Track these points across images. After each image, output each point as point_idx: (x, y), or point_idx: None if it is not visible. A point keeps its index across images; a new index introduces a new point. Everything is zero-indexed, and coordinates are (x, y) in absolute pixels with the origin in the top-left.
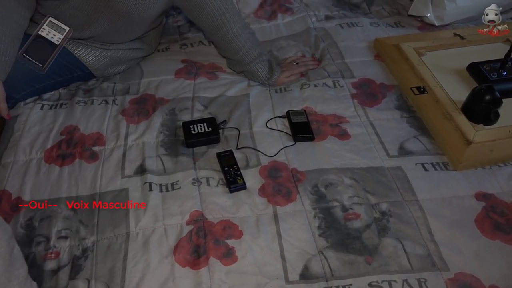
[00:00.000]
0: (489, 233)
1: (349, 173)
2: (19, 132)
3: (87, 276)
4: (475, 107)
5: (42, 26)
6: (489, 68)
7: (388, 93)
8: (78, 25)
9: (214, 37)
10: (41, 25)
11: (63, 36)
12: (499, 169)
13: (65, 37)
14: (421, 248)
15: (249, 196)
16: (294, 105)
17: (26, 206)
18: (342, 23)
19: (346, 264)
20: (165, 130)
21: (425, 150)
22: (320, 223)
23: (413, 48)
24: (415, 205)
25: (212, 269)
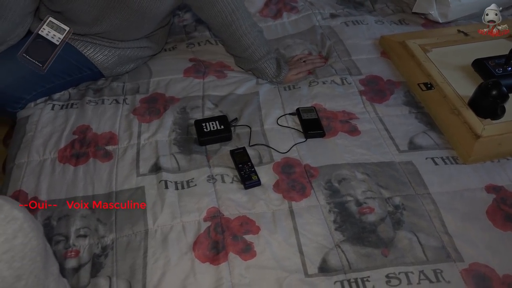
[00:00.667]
0: (501, 224)
1: (361, 168)
2: (31, 133)
3: (108, 273)
4: (482, 102)
5: (42, 26)
6: (494, 64)
7: (395, 89)
8: (89, 21)
9: (223, 35)
10: (41, 25)
11: (63, 36)
12: (507, 162)
13: (65, 37)
14: (435, 240)
15: (264, 192)
16: (304, 102)
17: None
18: (347, 21)
19: (363, 257)
20: (177, 128)
21: (435, 144)
22: (336, 218)
23: (418, 45)
24: (427, 198)
25: (232, 264)
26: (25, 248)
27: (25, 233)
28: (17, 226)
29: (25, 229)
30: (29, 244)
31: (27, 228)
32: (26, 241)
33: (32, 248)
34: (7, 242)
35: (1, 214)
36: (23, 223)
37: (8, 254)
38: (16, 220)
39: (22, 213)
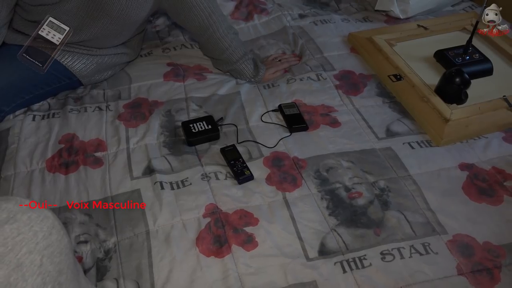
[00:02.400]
0: (476, 197)
1: (345, 157)
2: (15, 145)
3: (114, 276)
4: (447, 89)
5: (42, 26)
6: (454, 54)
7: (368, 82)
8: None
9: (200, 38)
10: (41, 25)
11: (63, 36)
12: (475, 142)
13: (65, 37)
14: (421, 217)
15: (257, 185)
16: (284, 99)
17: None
18: (315, 20)
19: (357, 237)
20: (164, 131)
21: (409, 130)
22: (328, 204)
23: (384, 40)
24: (409, 179)
25: (236, 255)
26: (60, 244)
27: (57, 230)
28: (50, 223)
29: (57, 226)
30: (63, 240)
31: (58, 225)
32: (60, 238)
33: (65, 245)
34: (45, 238)
35: (34, 213)
36: (54, 220)
37: (49, 249)
38: (48, 218)
39: (51, 212)
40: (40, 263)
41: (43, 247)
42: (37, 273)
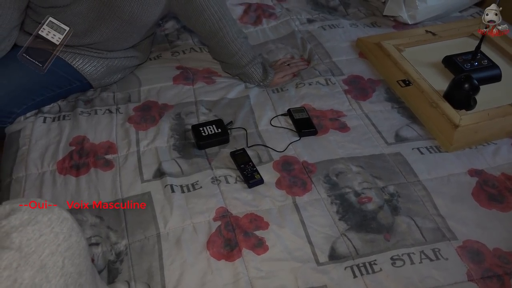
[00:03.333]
0: (486, 203)
1: (355, 162)
2: (26, 147)
3: (126, 278)
4: (456, 95)
5: (42, 26)
6: (462, 60)
7: (376, 87)
8: (80, 32)
9: (210, 42)
10: (41, 25)
11: (63, 36)
12: (484, 148)
13: (65, 37)
14: (430, 222)
15: (267, 189)
16: (293, 103)
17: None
18: (324, 25)
19: (367, 242)
20: (174, 134)
21: (418, 136)
22: (338, 208)
23: (393, 45)
24: (418, 185)
25: (247, 259)
26: (79, 245)
27: (76, 232)
28: (69, 225)
29: (76, 228)
30: (81, 242)
31: (77, 227)
32: (79, 239)
33: (84, 246)
34: (65, 240)
35: (54, 214)
36: (73, 222)
37: (70, 251)
38: (67, 220)
39: (69, 214)
40: (62, 265)
41: (64, 248)
42: (60, 274)
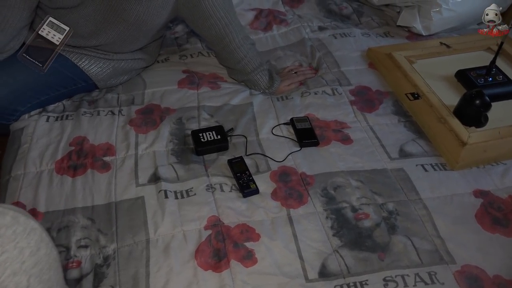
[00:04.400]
0: (489, 227)
1: (355, 176)
2: (27, 144)
3: (111, 283)
4: (467, 111)
5: (42, 26)
6: (476, 75)
7: (384, 99)
8: (86, 34)
9: (217, 47)
10: (41, 25)
11: (63, 36)
12: (492, 168)
13: (65, 37)
14: (429, 244)
15: (262, 200)
16: (297, 112)
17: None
18: (335, 33)
19: (360, 261)
20: (174, 139)
21: (424, 152)
22: (333, 224)
23: (404, 57)
24: (419, 203)
25: (234, 271)
26: (49, 258)
27: (46, 243)
28: (37, 236)
29: (45, 238)
30: (51, 254)
31: (46, 237)
32: (49, 251)
33: (55, 258)
34: (33, 255)
35: (19, 226)
36: (42, 232)
37: (37, 267)
38: (36, 231)
39: (38, 223)
40: (27, 284)
41: (30, 266)
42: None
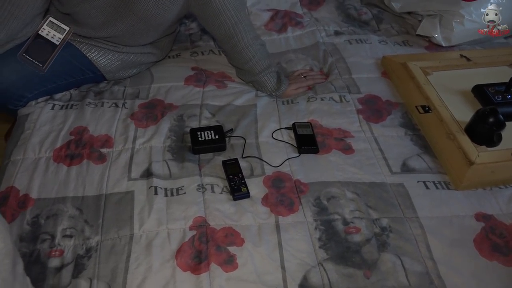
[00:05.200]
0: (488, 253)
1: (351, 187)
2: (29, 131)
3: (89, 275)
4: (479, 129)
5: (42, 26)
6: (494, 91)
7: (393, 110)
8: (96, 25)
9: (225, 46)
10: (41, 25)
11: (63, 36)
12: (499, 191)
13: (65, 37)
14: (420, 265)
15: (252, 204)
16: (300, 117)
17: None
18: (350, 39)
19: (344, 277)
20: (172, 135)
21: (428, 168)
22: (321, 235)
23: (419, 67)
24: (415, 222)
25: (213, 274)
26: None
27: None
28: None
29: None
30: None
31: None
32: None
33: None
34: None
35: None
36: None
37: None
38: None
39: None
40: None
41: None
42: None
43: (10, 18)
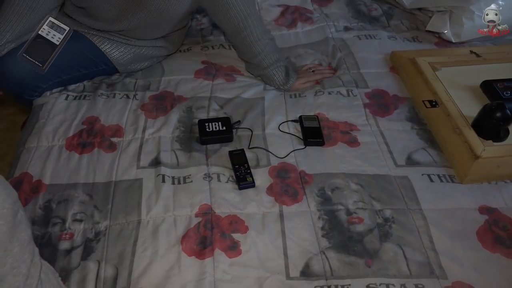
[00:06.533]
0: (490, 246)
1: (355, 179)
2: (43, 120)
3: (98, 258)
4: (485, 124)
5: (42, 26)
6: (503, 87)
7: (400, 104)
8: (109, 18)
9: (234, 40)
10: (41, 25)
11: (63, 36)
12: (505, 185)
13: (65, 37)
14: (421, 256)
15: (257, 194)
16: (307, 110)
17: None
18: (360, 34)
19: (346, 265)
20: (181, 126)
21: (433, 161)
22: (324, 225)
23: (428, 63)
24: (418, 214)
25: (217, 260)
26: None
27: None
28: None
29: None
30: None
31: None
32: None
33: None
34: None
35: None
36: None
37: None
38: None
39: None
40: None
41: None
42: None
43: (28, 11)
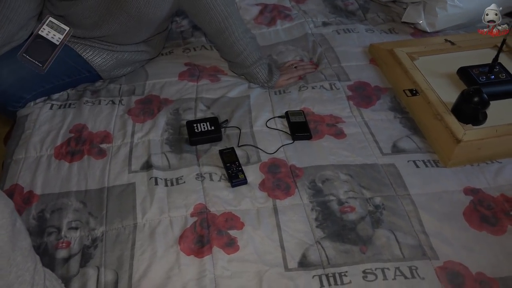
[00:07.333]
0: (477, 225)
1: (344, 170)
2: (29, 130)
3: (97, 264)
4: (464, 108)
5: (42, 26)
6: (478, 72)
7: (382, 95)
8: (90, 25)
9: (216, 40)
10: (41, 25)
11: (63, 36)
12: (486, 166)
13: (65, 37)
14: (413, 239)
15: (250, 190)
16: (293, 106)
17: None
18: (338, 29)
19: (341, 253)
20: (169, 128)
21: (417, 148)
22: (317, 216)
23: (406, 53)
24: (407, 199)
25: (216, 257)
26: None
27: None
28: None
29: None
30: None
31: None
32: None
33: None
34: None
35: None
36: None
37: None
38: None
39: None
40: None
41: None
42: None
43: (6, 22)
